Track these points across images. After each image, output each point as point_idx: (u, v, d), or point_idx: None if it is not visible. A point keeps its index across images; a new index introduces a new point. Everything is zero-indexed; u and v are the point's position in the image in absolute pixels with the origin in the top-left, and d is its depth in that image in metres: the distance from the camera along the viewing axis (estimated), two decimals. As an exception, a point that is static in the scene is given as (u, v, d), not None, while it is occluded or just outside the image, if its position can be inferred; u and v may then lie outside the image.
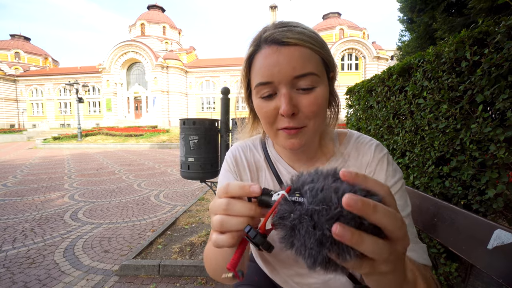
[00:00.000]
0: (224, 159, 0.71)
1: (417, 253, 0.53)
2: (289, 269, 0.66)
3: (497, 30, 0.97)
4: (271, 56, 0.49)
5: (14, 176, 6.44)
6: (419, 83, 1.39)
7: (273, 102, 0.51)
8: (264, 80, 0.50)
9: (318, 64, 0.51)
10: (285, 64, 0.48)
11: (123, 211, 3.71)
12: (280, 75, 0.49)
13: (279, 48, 0.49)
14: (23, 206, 3.91)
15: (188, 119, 2.42)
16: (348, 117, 2.70)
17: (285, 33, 0.49)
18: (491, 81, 0.99)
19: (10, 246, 2.60)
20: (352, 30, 32.16)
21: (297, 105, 0.50)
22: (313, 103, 0.50)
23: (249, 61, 0.54)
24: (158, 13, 38.03)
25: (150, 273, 2.08)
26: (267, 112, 0.52)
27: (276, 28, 0.51)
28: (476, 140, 1.09)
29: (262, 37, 0.51)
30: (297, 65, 0.48)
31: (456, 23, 4.19)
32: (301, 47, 0.49)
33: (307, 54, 0.49)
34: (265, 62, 0.50)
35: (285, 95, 0.49)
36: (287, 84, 0.49)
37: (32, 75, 35.35)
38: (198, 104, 32.99)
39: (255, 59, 0.52)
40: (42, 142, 17.00)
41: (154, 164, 8.56)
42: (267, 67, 0.49)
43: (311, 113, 0.50)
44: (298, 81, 0.49)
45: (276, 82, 0.50)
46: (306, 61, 0.49)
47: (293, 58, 0.48)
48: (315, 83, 0.50)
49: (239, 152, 0.68)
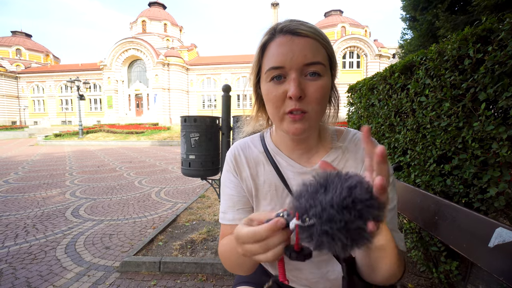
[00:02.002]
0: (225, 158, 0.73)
1: (397, 239, 0.58)
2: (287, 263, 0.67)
3: (501, 28, 0.96)
4: (286, 44, 0.54)
5: (16, 172, 6.46)
6: (421, 81, 1.38)
7: (282, 86, 0.55)
8: (277, 64, 0.54)
9: (325, 56, 0.56)
10: (297, 52, 0.53)
11: (124, 208, 3.73)
12: (292, 61, 0.53)
13: (293, 38, 0.54)
14: (25, 203, 3.93)
15: (189, 117, 2.42)
16: (349, 115, 2.70)
17: (299, 26, 0.55)
18: (494, 79, 0.99)
19: (12, 242, 2.62)
20: (354, 28, 31.98)
21: (304, 89, 0.54)
22: (319, 89, 0.54)
23: (263, 48, 0.58)
24: (160, 10, 37.90)
25: (151, 269, 2.09)
26: (276, 96, 0.55)
27: (291, 22, 0.57)
28: (478, 138, 1.09)
29: (278, 27, 0.57)
30: (308, 54, 0.53)
31: (459, 21, 4.16)
32: (312, 39, 0.54)
33: (317, 46, 0.55)
34: (279, 49, 0.54)
35: (294, 79, 0.53)
36: (297, 70, 0.54)
37: (33, 72, 35.38)
38: (199, 102, 32.97)
39: (269, 46, 0.57)
40: (44, 139, 17.05)
41: (155, 162, 8.58)
42: (281, 54, 0.54)
43: (316, 99, 0.54)
44: (307, 68, 0.54)
45: (287, 67, 0.54)
46: (316, 52, 0.54)
47: (305, 47, 0.53)
48: (322, 72, 0.55)
49: (238, 150, 0.71)
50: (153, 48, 29.40)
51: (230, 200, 0.68)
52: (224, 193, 0.70)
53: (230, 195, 0.68)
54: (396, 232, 0.60)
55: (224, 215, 0.68)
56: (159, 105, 29.59)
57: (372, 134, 2.06)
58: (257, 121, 0.71)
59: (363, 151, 0.60)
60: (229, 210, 0.67)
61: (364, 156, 0.60)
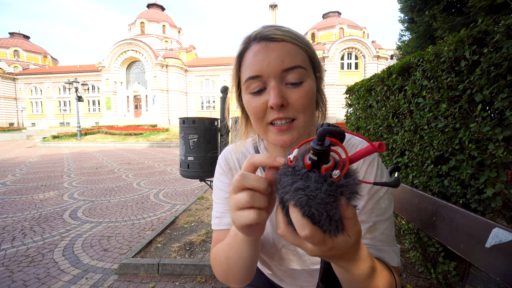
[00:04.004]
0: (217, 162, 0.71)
1: (389, 255, 0.56)
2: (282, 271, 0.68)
3: (496, 30, 0.98)
4: (261, 51, 0.51)
5: (13, 174, 6.43)
6: (419, 82, 1.39)
7: (262, 96, 0.52)
8: (254, 74, 0.51)
9: (305, 59, 0.53)
10: (273, 58, 0.50)
11: (122, 210, 3.71)
12: (269, 68, 0.50)
13: (268, 44, 0.51)
14: (22, 205, 3.91)
15: (188, 118, 2.42)
16: (347, 116, 2.70)
17: (273, 31, 0.52)
18: (490, 81, 1.00)
19: (9, 244, 2.60)
20: (352, 29, 32.13)
21: (286, 97, 0.51)
22: (302, 96, 0.51)
23: (239, 59, 0.56)
24: (158, 12, 37.93)
25: (149, 271, 2.09)
26: (256, 107, 0.52)
27: (265, 28, 0.54)
28: (475, 139, 1.09)
29: (252, 35, 0.54)
30: (286, 59, 0.50)
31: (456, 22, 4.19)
32: (288, 43, 0.51)
33: (294, 49, 0.52)
34: (254, 58, 0.52)
35: (273, 87, 0.50)
36: (276, 78, 0.51)
37: (31, 74, 35.27)
38: (197, 103, 32.96)
39: (245, 56, 0.54)
40: (42, 141, 16.97)
41: (154, 163, 8.56)
42: (257, 62, 0.51)
43: (301, 106, 0.51)
44: (286, 74, 0.51)
45: (265, 76, 0.51)
46: (293, 55, 0.51)
47: (282, 52, 0.50)
48: (303, 77, 0.52)
49: (231, 154, 0.69)
50: (152, 49, 29.38)
51: (226, 203, 0.65)
52: (218, 197, 0.67)
53: (225, 198, 0.65)
54: (390, 246, 0.57)
55: (219, 220, 0.64)
56: (157, 106, 29.55)
57: (371, 135, 2.07)
58: (248, 134, 0.66)
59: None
60: (226, 214, 0.64)
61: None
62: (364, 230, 0.56)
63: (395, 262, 0.56)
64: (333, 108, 26.76)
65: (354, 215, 0.33)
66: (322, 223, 0.31)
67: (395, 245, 0.59)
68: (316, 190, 0.30)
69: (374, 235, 0.56)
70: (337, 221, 0.32)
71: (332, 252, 0.34)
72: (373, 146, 0.31)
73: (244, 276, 0.53)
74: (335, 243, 0.33)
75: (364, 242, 0.56)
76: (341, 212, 0.31)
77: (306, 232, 0.31)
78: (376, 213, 0.56)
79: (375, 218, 0.56)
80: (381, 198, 0.58)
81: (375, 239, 0.56)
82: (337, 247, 0.34)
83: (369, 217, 0.56)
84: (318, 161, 0.30)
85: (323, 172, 0.30)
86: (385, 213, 0.57)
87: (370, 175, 0.59)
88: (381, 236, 0.56)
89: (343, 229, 0.33)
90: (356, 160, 0.32)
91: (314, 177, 0.30)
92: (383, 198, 0.58)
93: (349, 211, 0.32)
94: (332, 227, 0.32)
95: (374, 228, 0.56)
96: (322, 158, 0.30)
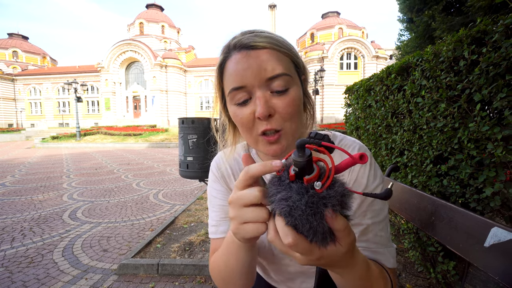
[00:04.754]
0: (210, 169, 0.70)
1: (384, 256, 0.56)
2: (281, 274, 0.68)
3: (495, 29, 0.98)
4: (242, 61, 0.49)
5: (12, 175, 6.42)
6: (418, 82, 1.39)
7: (248, 107, 0.51)
8: (237, 85, 0.50)
9: (289, 65, 0.51)
10: (255, 66, 0.48)
11: (122, 210, 3.71)
12: (252, 78, 0.49)
13: (249, 52, 0.49)
14: (22, 206, 3.90)
15: (187, 118, 2.42)
16: (346, 116, 2.71)
17: (252, 38, 0.50)
18: (489, 80, 1.00)
19: (9, 245, 2.60)
20: (351, 29, 32.13)
21: (273, 106, 0.49)
22: (289, 104, 0.50)
23: (221, 69, 0.54)
24: (157, 12, 37.90)
25: (149, 272, 2.08)
26: (243, 118, 0.51)
27: (244, 35, 0.52)
28: (474, 138, 1.10)
29: (231, 44, 0.52)
30: (268, 67, 0.48)
31: (455, 22, 4.20)
32: (269, 49, 0.50)
33: (276, 56, 0.50)
34: (236, 67, 0.50)
35: (259, 97, 0.49)
36: (261, 87, 0.49)
37: (30, 74, 35.19)
38: (197, 103, 32.94)
39: (226, 66, 0.52)
40: (41, 142, 16.95)
41: (153, 163, 8.55)
42: (239, 72, 0.49)
43: (287, 114, 0.50)
44: (271, 83, 0.49)
45: (249, 85, 0.49)
46: (276, 63, 0.49)
47: (263, 60, 0.49)
48: (288, 84, 0.50)
49: (223, 160, 0.68)
50: (151, 50, 29.35)
51: (222, 211, 0.64)
52: (213, 205, 0.66)
53: (220, 205, 0.64)
54: (386, 247, 0.57)
55: (216, 229, 0.63)
56: (157, 107, 29.52)
57: (369, 135, 2.07)
58: (236, 143, 0.65)
59: None
60: (223, 222, 0.63)
61: None
62: (358, 233, 0.55)
63: (391, 263, 0.56)
64: (332, 108, 26.76)
65: (345, 227, 0.32)
66: (306, 233, 0.31)
67: (391, 246, 0.58)
68: (297, 201, 0.30)
69: (368, 237, 0.55)
70: (324, 232, 0.31)
71: (322, 261, 0.34)
72: (353, 159, 0.30)
73: (245, 283, 0.53)
74: (324, 253, 0.32)
75: (359, 245, 0.55)
76: (328, 223, 0.31)
77: (289, 240, 0.31)
78: (370, 215, 0.56)
79: (369, 220, 0.55)
80: (375, 200, 0.57)
81: (369, 241, 0.55)
82: (327, 257, 0.33)
83: (363, 219, 0.56)
84: (300, 172, 0.30)
85: (306, 183, 0.30)
86: (379, 214, 0.57)
87: (363, 176, 0.58)
88: (376, 238, 0.56)
89: (335, 239, 0.33)
90: (342, 171, 0.32)
91: (296, 188, 0.30)
92: (377, 199, 0.57)
93: (339, 223, 0.31)
94: (317, 238, 0.31)
95: (368, 230, 0.55)
96: (304, 169, 0.30)
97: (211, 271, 0.58)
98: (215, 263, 0.56)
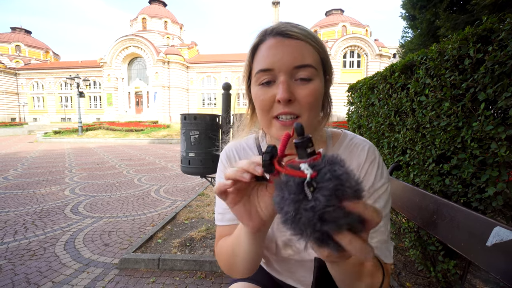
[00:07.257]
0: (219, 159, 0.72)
1: (382, 252, 0.57)
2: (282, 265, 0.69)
3: (502, 28, 0.97)
4: (275, 46, 0.52)
5: (15, 169, 6.46)
6: (421, 80, 1.38)
7: (271, 89, 0.53)
8: (265, 67, 0.52)
9: (317, 60, 0.54)
10: (287, 54, 0.51)
11: (123, 205, 3.73)
12: (281, 63, 0.51)
13: (283, 40, 0.52)
14: (24, 199, 3.93)
15: (189, 114, 2.42)
16: (349, 114, 2.70)
17: (290, 28, 0.53)
18: (494, 79, 0.99)
19: (12, 238, 2.62)
20: (355, 27, 31.92)
21: (294, 93, 0.51)
22: (310, 94, 0.51)
23: (253, 51, 0.56)
24: (160, 8, 37.77)
25: (150, 266, 2.10)
26: (264, 100, 0.53)
27: (282, 24, 0.55)
28: (477, 138, 1.09)
29: (268, 29, 0.55)
30: (298, 56, 0.51)
31: (459, 20, 4.15)
32: (303, 41, 0.52)
33: (308, 48, 0.52)
34: (268, 51, 0.53)
35: (283, 82, 0.51)
36: (286, 73, 0.51)
37: (33, 69, 35.26)
38: (199, 100, 32.92)
39: (259, 49, 0.55)
40: (43, 136, 17.02)
41: (155, 159, 8.57)
42: (270, 56, 0.52)
43: (307, 104, 0.52)
44: (297, 71, 0.51)
45: (276, 70, 0.52)
46: (306, 54, 0.52)
47: (295, 49, 0.51)
48: (313, 76, 0.52)
49: (233, 151, 0.70)
50: (153, 45, 29.31)
51: None
52: None
53: None
54: (384, 243, 0.58)
55: (222, 216, 0.65)
56: (159, 103, 29.54)
57: (372, 134, 2.06)
58: (252, 126, 0.67)
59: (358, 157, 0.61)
60: (228, 210, 0.63)
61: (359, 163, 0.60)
62: None
63: (388, 258, 0.58)
64: (335, 107, 26.25)
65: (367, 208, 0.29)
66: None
67: (389, 242, 0.59)
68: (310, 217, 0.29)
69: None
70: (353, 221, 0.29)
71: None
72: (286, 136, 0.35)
73: (248, 269, 0.55)
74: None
75: None
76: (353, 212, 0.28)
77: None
78: None
79: None
80: (379, 197, 0.58)
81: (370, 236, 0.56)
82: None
83: None
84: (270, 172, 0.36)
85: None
86: (382, 211, 0.57)
87: (370, 175, 0.59)
88: (376, 233, 0.57)
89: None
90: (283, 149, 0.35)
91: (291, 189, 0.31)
92: (381, 197, 0.59)
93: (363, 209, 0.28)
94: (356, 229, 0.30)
95: None
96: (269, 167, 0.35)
97: (217, 254, 0.62)
98: (222, 248, 0.59)
